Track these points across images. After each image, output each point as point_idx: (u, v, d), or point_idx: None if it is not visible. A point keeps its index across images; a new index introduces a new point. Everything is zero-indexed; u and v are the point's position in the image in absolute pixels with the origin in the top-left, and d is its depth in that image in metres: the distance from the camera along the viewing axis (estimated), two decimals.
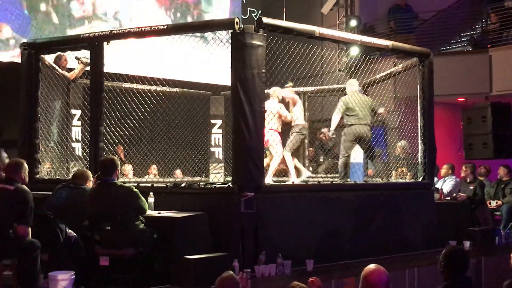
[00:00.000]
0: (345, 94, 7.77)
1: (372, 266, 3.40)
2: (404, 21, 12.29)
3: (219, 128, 9.23)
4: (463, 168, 8.83)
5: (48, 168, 7.05)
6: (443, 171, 9.30)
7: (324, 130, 9.47)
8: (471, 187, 8.68)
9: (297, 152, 8.28)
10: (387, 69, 8.15)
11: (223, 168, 9.11)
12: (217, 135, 9.23)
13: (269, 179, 7.46)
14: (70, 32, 10.57)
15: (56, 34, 10.35)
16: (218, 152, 9.22)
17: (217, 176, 8.89)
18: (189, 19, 12.33)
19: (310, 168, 9.07)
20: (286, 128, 8.00)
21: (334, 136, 7.60)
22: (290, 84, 7.94)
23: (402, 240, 6.69)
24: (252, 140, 5.51)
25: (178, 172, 9.28)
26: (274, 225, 5.58)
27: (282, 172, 8.40)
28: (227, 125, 8.81)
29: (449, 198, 8.75)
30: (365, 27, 12.39)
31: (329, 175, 8.56)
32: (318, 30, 6.12)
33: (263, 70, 5.60)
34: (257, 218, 5.43)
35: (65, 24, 10.61)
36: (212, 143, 9.24)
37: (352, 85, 7.70)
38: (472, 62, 11.16)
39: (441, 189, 8.75)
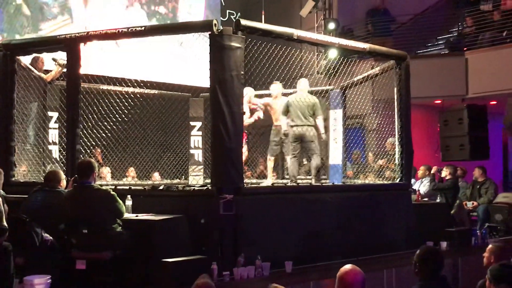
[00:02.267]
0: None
1: (347, 266, 3.42)
2: (382, 24, 12.42)
3: (198, 130, 9.20)
4: (444, 169, 8.95)
5: (24, 171, 6.95)
6: (420, 172, 9.40)
7: None
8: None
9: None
10: (364, 72, 8.21)
11: (202, 170, 9.09)
12: (196, 137, 9.20)
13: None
14: (43, 25, 10.37)
15: (28, 27, 10.15)
16: (198, 154, 9.18)
17: (196, 178, 8.86)
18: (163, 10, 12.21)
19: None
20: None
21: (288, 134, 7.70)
22: (275, 84, 7.98)
23: (380, 241, 6.73)
24: (231, 142, 5.50)
25: (156, 174, 9.22)
26: (253, 227, 5.57)
27: (262, 174, 8.40)
28: (206, 127, 8.77)
29: (426, 199, 8.85)
30: (343, 30, 12.48)
31: (308, 177, 8.59)
32: (296, 32, 6.15)
33: (242, 72, 5.60)
34: (236, 220, 5.42)
35: (37, 16, 10.40)
36: (192, 145, 9.21)
37: (300, 85, 7.77)
38: (449, 65, 11.29)
39: (418, 190, 8.84)
